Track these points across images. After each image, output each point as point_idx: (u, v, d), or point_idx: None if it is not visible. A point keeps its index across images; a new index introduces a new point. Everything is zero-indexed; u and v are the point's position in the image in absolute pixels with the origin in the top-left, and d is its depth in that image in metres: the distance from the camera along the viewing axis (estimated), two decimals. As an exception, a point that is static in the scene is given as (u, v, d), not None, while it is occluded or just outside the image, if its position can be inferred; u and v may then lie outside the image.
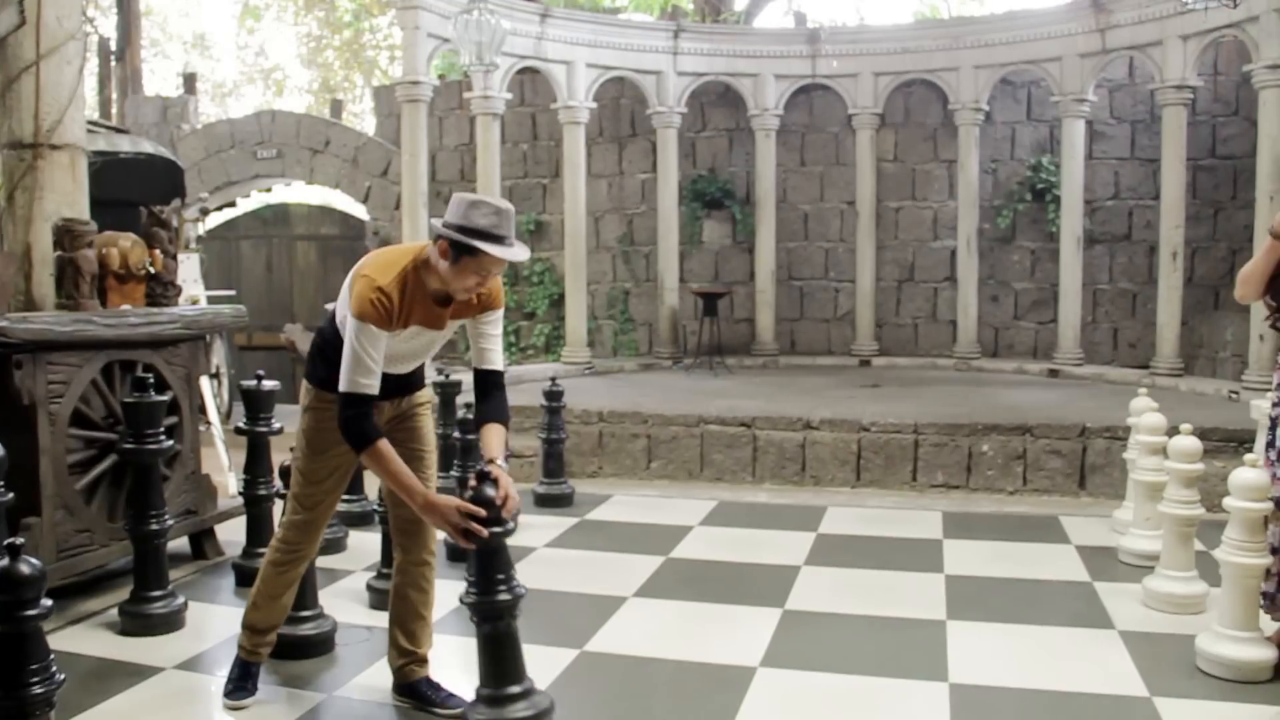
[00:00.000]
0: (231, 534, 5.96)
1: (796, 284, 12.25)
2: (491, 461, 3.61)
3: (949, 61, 11.06)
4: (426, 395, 3.98)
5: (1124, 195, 11.34)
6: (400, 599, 3.95)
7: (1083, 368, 10.44)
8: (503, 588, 3.23)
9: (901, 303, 12.06)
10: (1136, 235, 11.29)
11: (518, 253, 3.51)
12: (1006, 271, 11.74)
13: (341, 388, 3.44)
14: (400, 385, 3.79)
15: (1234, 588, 4.19)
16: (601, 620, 4.88)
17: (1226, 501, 4.17)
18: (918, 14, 19.87)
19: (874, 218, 11.56)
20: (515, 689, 3.46)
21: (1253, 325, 8.44)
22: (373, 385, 3.44)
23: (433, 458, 3.98)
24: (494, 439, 3.71)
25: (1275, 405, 4.36)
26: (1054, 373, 10.54)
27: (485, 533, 3.40)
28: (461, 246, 3.41)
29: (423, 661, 3.97)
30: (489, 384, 3.75)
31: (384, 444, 3.47)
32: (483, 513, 3.40)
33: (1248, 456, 4.31)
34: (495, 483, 3.50)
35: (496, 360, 3.76)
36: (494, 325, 3.74)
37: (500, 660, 3.25)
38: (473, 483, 3.51)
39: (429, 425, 3.98)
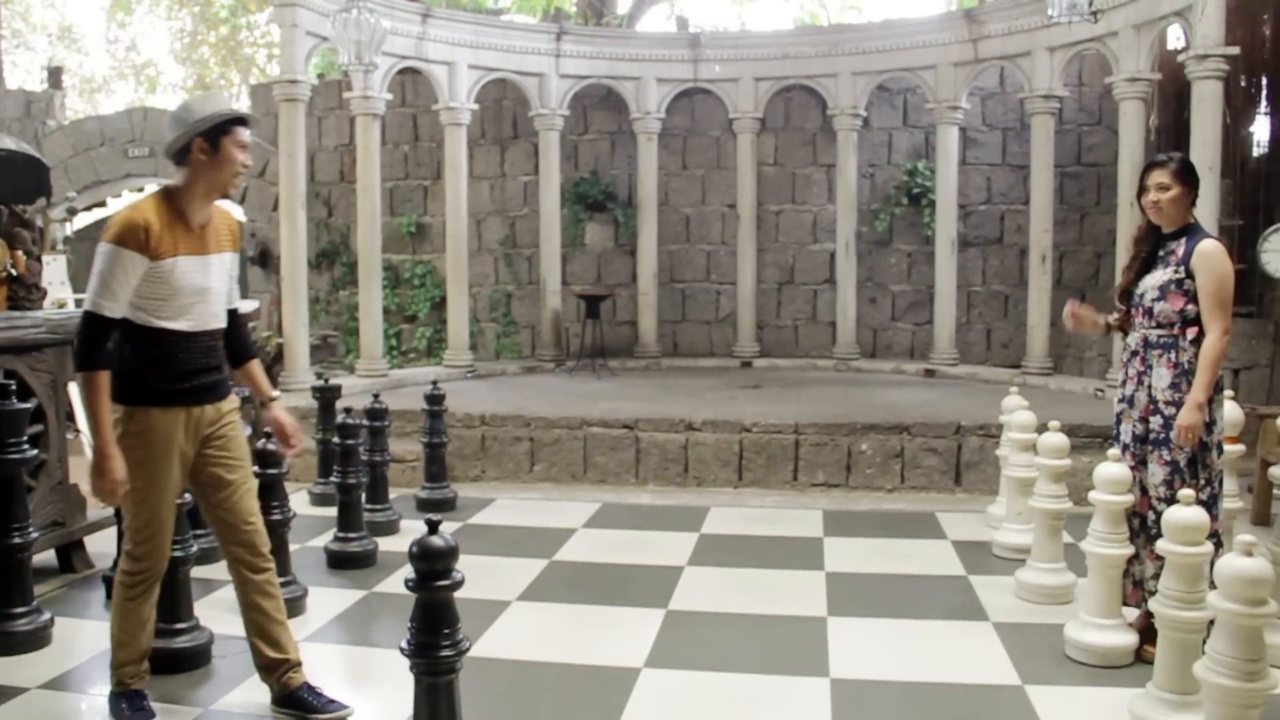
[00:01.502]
0: (101, 545, 5.76)
1: (678, 286, 12.32)
2: (272, 400, 4.01)
3: (828, 68, 11.22)
4: (234, 403, 3.93)
5: (996, 200, 11.65)
6: (253, 609, 3.85)
7: (957, 367, 10.69)
8: (447, 644, 3.12)
9: (782, 305, 12.21)
10: (1008, 239, 11.61)
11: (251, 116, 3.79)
12: (884, 274, 11.97)
13: (85, 307, 3.52)
14: (205, 387, 3.75)
15: (1099, 578, 4.35)
16: (485, 625, 4.84)
17: (1091, 495, 4.32)
18: (798, 21, 20.19)
19: (755, 221, 11.68)
20: None
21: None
22: (115, 309, 3.50)
23: (247, 468, 3.91)
24: (261, 376, 4.05)
25: (1119, 401, 4.54)
26: (930, 372, 10.77)
27: (117, 500, 3.60)
28: (217, 130, 3.60)
29: (297, 666, 3.88)
30: (237, 323, 3.96)
31: (104, 377, 3.51)
32: (120, 499, 3.58)
33: (1110, 451, 4.46)
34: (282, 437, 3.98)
35: (239, 299, 3.99)
36: (236, 266, 3.92)
37: (437, 714, 3.16)
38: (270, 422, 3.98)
39: (241, 435, 3.92)
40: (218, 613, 4.87)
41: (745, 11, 23.21)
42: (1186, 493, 3.66)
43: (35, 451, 4.80)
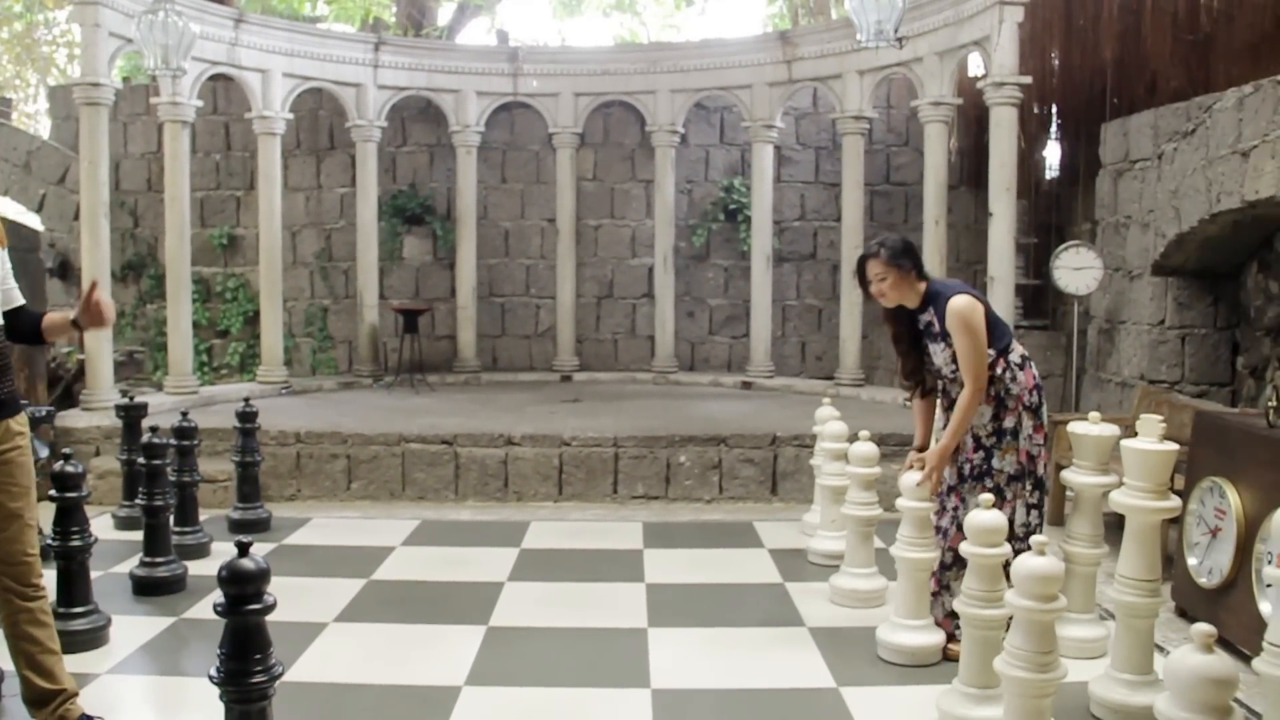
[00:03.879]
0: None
1: (498, 300, 12.27)
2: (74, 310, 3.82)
3: (647, 85, 11.36)
4: (24, 424, 3.71)
5: (809, 217, 11.98)
6: (24, 639, 3.63)
7: (773, 380, 10.93)
8: (259, 669, 3.02)
9: (601, 319, 12.28)
10: (821, 254, 11.95)
11: None
12: (702, 288, 12.17)
13: None
14: None
15: (907, 581, 4.54)
16: (301, 648, 4.72)
17: (898, 502, 4.50)
18: (618, 38, 20.40)
19: (574, 235, 11.73)
20: None
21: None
22: None
23: (32, 497, 3.70)
24: (54, 315, 3.87)
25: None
26: (747, 385, 10.99)
27: None
28: None
29: (73, 697, 3.68)
30: (22, 317, 3.80)
31: None
32: None
33: (912, 455, 4.66)
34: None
35: (20, 299, 3.81)
36: (8, 264, 3.79)
37: None
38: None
39: (29, 461, 3.71)
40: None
41: (566, 27, 23.38)
42: (986, 497, 3.84)
43: None
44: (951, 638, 4.53)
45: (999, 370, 4.54)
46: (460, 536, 6.95)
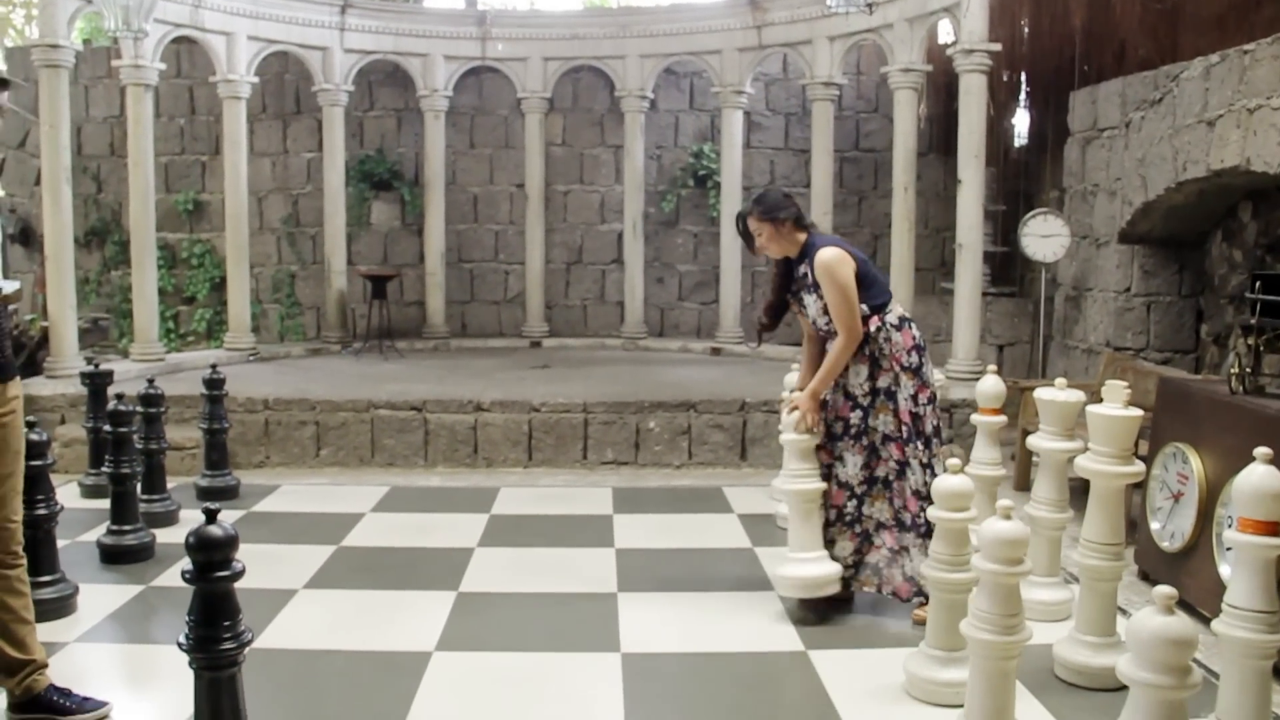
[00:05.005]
0: None
1: (467, 266, 12.22)
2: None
3: (616, 49, 11.30)
4: (17, 390, 3.66)
5: (779, 183, 11.96)
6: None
7: (742, 346, 10.95)
8: (228, 636, 3.01)
9: (571, 285, 12.26)
10: (789, 221, 11.93)
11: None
12: (671, 254, 12.16)
13: None
14: None
15: (795, 512, 4.71)
16: (271, 615, 4.72)
17: (781, 438, 4.83)
18: (588, 2, 20.20)
19: (543, 201, 11.68)
20: None
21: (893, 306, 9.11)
22: None
23: (20, 464, 3.68)
24: None
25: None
26: (716, 351, 11.01)
27: None
28: None
29: (43, 668, 3.66)
30: None
31: None
32: None
33: (791, 395, 4.90)
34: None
35: None
36: None
37: (219, 710, 3.05)
38: None
39: (20, 425, 3.67)
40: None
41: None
42: (954, 461, 3.86)
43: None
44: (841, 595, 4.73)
45: (872, 328, 4.65)
46: (430, 502, 6.95)
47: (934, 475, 4.55)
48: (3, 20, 22.91)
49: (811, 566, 4.65)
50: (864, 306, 4.64)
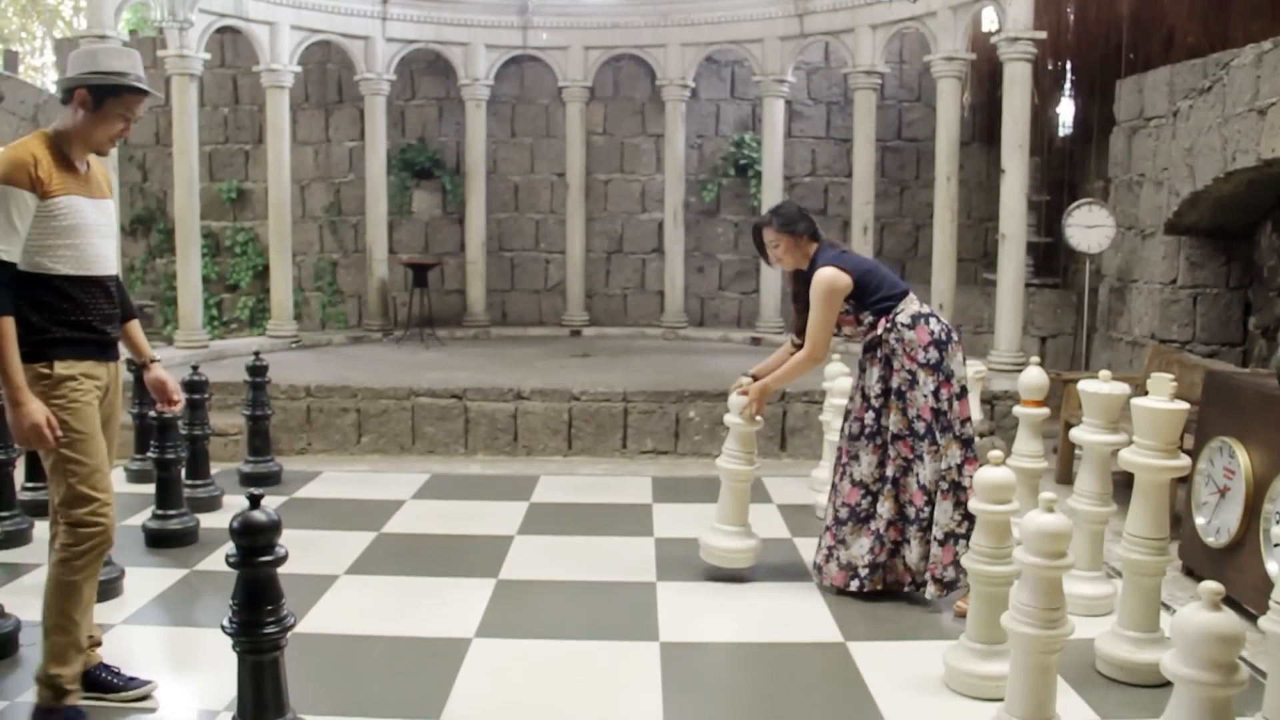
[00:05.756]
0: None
1: (507, 255, 12.25)
2: (154, 362, 3.94)
3: (657, 38, 11.29)
4: (120, 369, 3.79)
5: (820, 172, 11.92)
6: None
7: (783, 336, 10.86)
8: (271, 620, 3.04)
9: (611, 274, 12.27)
10: (831, 210, 11.89)
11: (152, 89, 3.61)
12: (711, 243, 12.13)
13: None
14: (110, 342, 3.64)
15: (726, 491, 5.11)
16: (312, 600, 4.76)
17: (726, 418, 5.08)
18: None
19: (584, 190, 11.70)
20: None
21: (933, 295, 9.07)
22: (10, 252, 3.32)
23: (115, 444, 3.78)
24: (141, 337, 3.94)
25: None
26: (756, 340, 10.99)
27: (53, 444, 3.40)
28: (105, 89, 3.44)
29: (97, 645, 3.73)
30: (118, 281, 3.77)
31: (10, 322, 3.31)
32: (51, 440, 3.38)
33: (742, 379, 5.04)
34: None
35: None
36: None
37: (262, 692, 3.09)
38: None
39: (120, 407, 3.82)
40: (25, 599, 4.65)
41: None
42: (995, 454, 3.83)
43: None
44: (848, 591, 4.82)
45: (880, 331, 4.70)
46: (470, 490, 6.98)
47: (956, 467, 4.59)
48: (52, 12, 23.20)
49: (732, 539, 5.05)
50: (868, 313, 4.74)
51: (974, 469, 4.54)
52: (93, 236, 3.53)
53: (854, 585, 4.80)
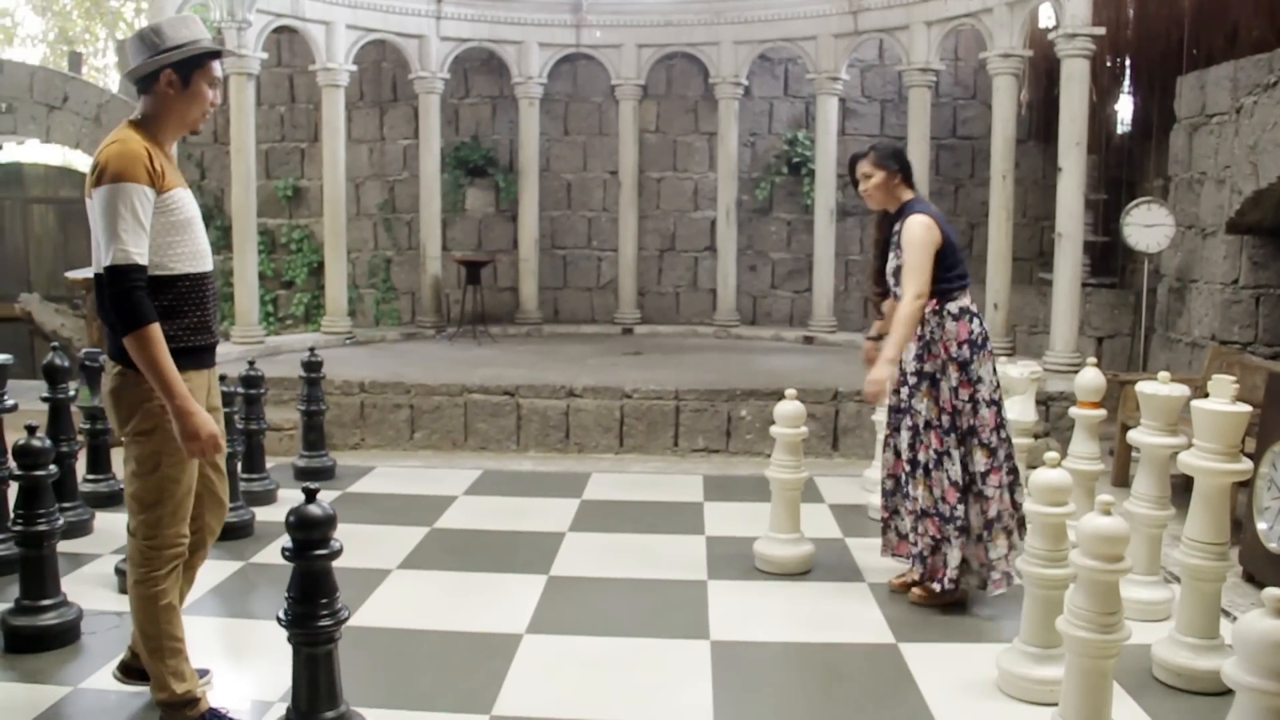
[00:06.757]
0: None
1: (560, 253, 12.29)
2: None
3: (710, 36, 11.27)
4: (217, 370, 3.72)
5: (873, 170, 11.81)
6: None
7: (836, 335, 10.87)
8: (325, 613, 3.07)
9: (663, 272, 12.26)
10: (884, 209, 11.79)
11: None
12: (764, 242, 12.10)
13: (107, 262, 3.17)
14: (213, 346, 3.56)
15: (777, 499, 5.21)
16: (365, 594, 4.80)
17: (772, 430, 5.21)
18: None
19: (636, 188, 11.70)
20: (330, 714, 3.20)
21: (988, 295, 8.98)
22: (143, 254, 3.20)
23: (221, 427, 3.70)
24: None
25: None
26: (809, 339, 10.94)
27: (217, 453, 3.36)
28: (190, 63, 3.35)
29: None
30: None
31: (158, 330, 3.19)
32: (223, 448, 3.36)
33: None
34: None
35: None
36: None
37: (316, 684, 3.12)
38: None
39: (220, 409, 3.74)
40: (87, 588, 4.76)
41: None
42: (1052, 455, 3.78)
43: None
44: (918, 582, 4.81)
45: (927, 312, 4.66)
46: (522, 486, 7.01)
47: (967, 471, 4.61)
48: (114, 14, 23.57)
49: (785, 547, 5.16)
50: (932, 285, 4.66)
51: (997, 479, 4.60)
52: (200, 229, 3.47)
53: (909, 558, 4.88)
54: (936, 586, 4.67)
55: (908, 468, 4.76)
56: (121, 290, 3.17)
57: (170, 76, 3.33)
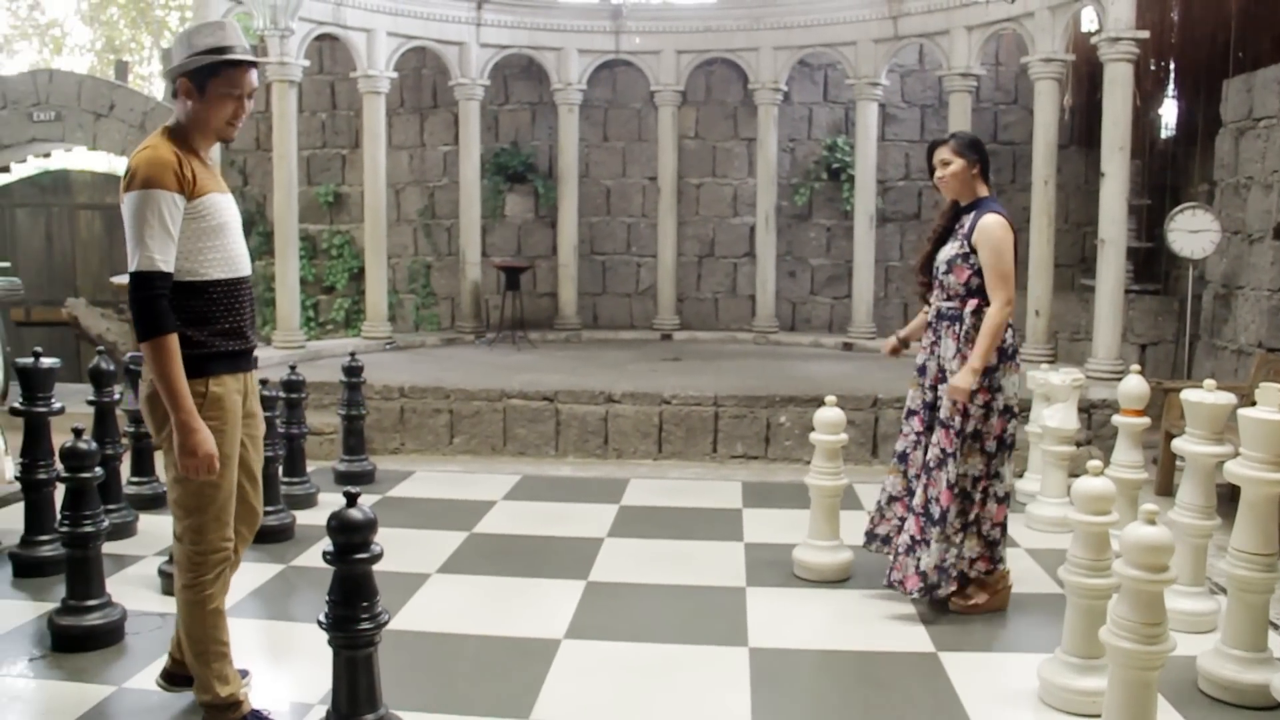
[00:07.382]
0: (9, 521, 5.63)
1: (599, 258, 12.30)
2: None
3: (749, 42, 11.26)
4: (257, 374, 3.74)
5: (914, 176, 11.78)
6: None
7: (875, 341, 10.78)
8: (366, 617, 3.10)
9: (702, 278, 12.25)
10: (926, 214, 11.74)
11: (254, 58, 3.44)
12: (803, 248, 12.06)
13: (134, 268, 3.19)
14: (251, 350, 3.55)
15: (817, 506, 5.24)
16: (405, 598, 4.82)
17: (812, 437, 5.26)
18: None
19: (675, 194, 11.70)
20: (370, 716, 3.20)
21: (1029, 302, 8.90)
22: (168, 261, 3.22)
23: (261, 428, 3.75)
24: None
25: (914, 370, 4.88)
26: (848, 346, 10.89)
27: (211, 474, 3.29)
28: (203, 72, 3.31)
29: None
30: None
31: (175, 341, 3.21)
32: (217, 471, 3.30)
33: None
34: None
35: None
36: None
37: (356, 687, 3.14)
38: None
39: (261, 413, 3.76)
40: (130, 589, 4.80)
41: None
42: (1094, 464, 3.74)
43: None
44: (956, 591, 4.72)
45: (967, 313, 4.62)
46: (561, 492, 7.01)
47: (963, 475, 4.60)
48: (160, 22, 23.84)
49: (825, 554, 5.19)
50: (976, 280, 4.62)
51: (984, 484, 4.63)
52: (236, 234, 3.48)
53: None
54: (912, 592, 4.67)
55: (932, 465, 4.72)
56: (144, 298, 3.19)
57: (186, 85, 3.34)
